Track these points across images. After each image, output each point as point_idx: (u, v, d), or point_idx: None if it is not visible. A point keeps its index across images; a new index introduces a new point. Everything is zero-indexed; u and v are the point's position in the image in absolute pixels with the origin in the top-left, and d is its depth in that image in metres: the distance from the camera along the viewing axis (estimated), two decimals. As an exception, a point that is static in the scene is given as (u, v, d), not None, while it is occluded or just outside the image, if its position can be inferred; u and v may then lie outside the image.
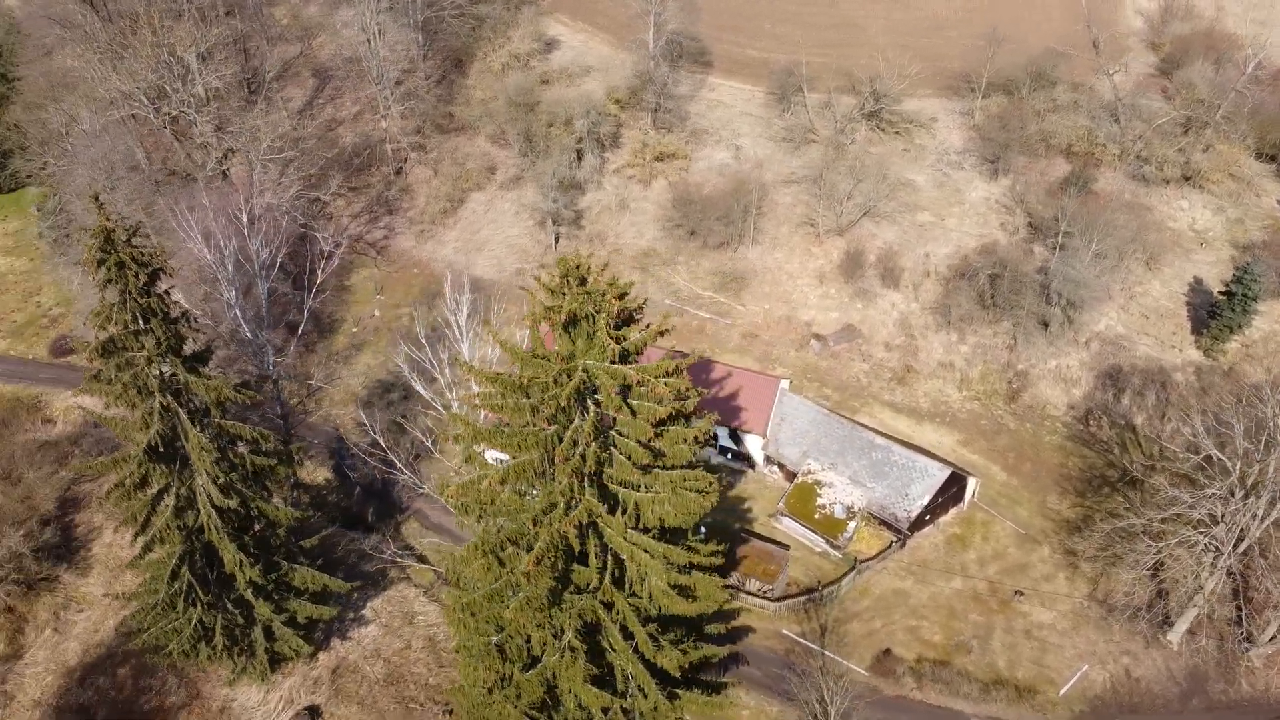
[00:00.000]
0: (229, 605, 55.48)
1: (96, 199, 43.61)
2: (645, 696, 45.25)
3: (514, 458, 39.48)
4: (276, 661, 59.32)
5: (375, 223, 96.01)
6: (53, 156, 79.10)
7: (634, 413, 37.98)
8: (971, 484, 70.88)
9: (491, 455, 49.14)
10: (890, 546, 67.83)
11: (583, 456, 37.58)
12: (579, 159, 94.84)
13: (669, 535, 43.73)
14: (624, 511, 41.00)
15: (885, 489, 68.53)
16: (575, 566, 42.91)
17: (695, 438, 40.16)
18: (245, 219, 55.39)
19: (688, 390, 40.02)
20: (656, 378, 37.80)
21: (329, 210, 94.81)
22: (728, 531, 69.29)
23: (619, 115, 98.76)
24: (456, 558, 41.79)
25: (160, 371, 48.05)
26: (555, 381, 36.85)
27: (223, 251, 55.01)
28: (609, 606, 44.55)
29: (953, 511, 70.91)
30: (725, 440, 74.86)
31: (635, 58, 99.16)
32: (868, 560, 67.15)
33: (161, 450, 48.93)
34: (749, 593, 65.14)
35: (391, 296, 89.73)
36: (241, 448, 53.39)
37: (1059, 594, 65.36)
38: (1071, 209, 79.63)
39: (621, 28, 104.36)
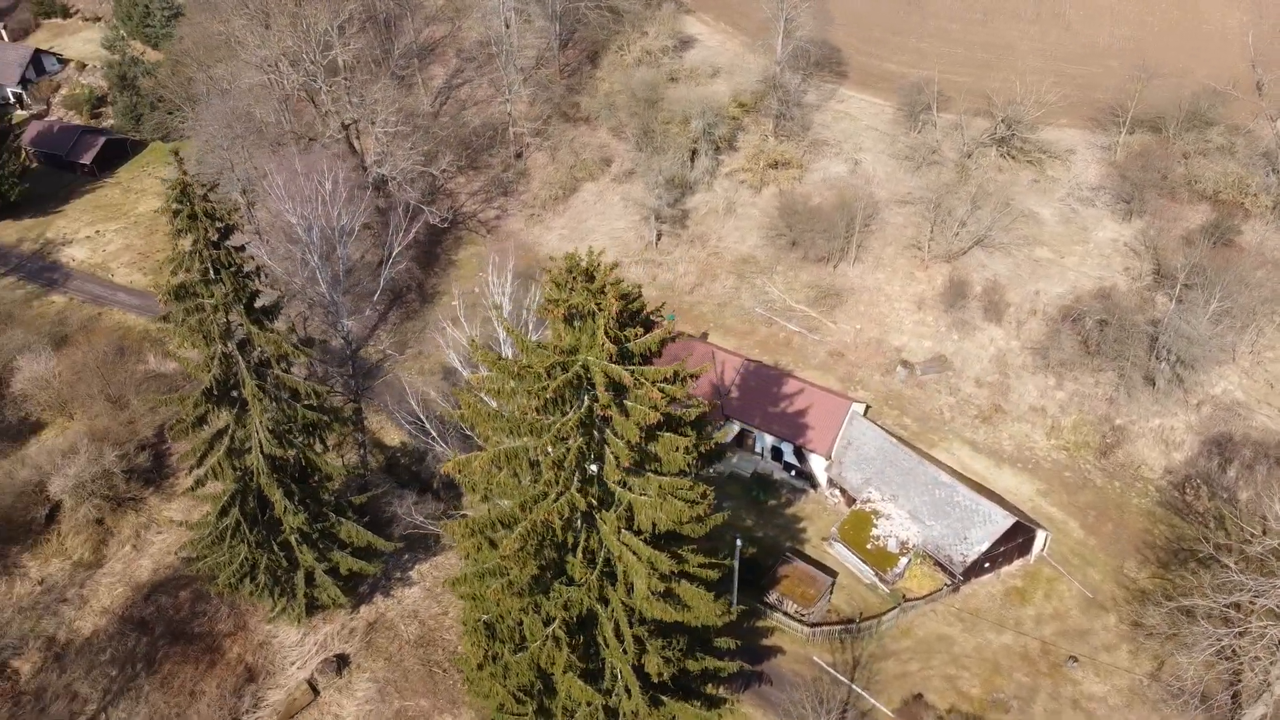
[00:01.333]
0: (275, 547, 58.66)
1: (176, 153, 46.90)
2: (630, 697, 45.21)
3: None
4: (314, 607, 62.26)
5: (490, 203, 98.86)
6: (190, 112, 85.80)
7: (626, 414, 37.92)
8: (1041, 537, 67.06)
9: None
10: (942, 589, 65.10)
11: (567, 449, 37.82)
12: (692, 159, 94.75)
13: (668, 540, 43.42)
14: (616, 510, 41.04)
15: (943, 529, 65.72)
16: (570, 559, 43.26)
17: (691, 447, 39.63)
18: (329, 185, 58.34)
19: (689, 398, 39.60)
20: (653, 382, 37.61)
21: (448, 187, 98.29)
22: (776, 548, 68.31)
23: (740, 118, 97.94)
24: (455, 533, 42.80)
25: (226, 320, 51.26)
26: (549, 373, 37.24)
27: (306, 214, 58.18)
28: (605, 603, 44.72)
29: (1018, 563, 67.35)
30: (790, 457, 73.57)
31: (764, 62, 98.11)
32: (915, 600, 64.69)
33: (218, 394, 52.23)
34: (784, 613, 63.82)
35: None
36: (300, 401, 56.29)
37: (1118, 667, 61.10)
38: (1198, 259, 73.79)
39: (761, 30, 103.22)
